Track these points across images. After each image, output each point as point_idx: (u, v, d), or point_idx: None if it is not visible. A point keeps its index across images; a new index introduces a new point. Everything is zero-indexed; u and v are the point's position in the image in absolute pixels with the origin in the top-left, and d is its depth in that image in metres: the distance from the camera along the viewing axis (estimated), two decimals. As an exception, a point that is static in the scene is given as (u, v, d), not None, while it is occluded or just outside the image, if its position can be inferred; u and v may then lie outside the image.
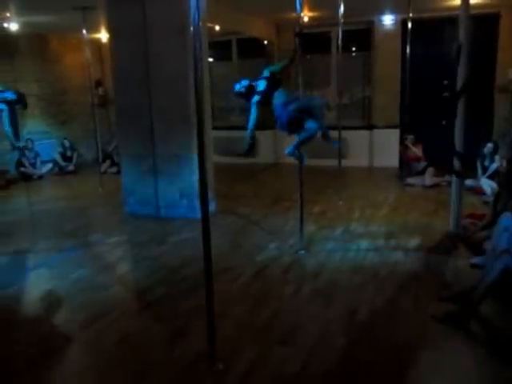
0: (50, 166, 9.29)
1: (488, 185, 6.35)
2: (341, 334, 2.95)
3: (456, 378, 2.57)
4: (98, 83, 10.34)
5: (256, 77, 4.54)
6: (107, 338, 3.02)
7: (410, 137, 7.77)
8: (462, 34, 4.44)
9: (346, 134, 7.75)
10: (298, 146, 4.30)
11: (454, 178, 4.78)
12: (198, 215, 2.67)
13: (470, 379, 2.59)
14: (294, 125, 4.20)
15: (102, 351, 2.88)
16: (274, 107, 4.30)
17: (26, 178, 8.60)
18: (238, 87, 4.59)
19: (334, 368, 2.62)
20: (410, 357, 2.71)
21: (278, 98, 4.28)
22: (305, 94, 4.68)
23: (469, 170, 5.82)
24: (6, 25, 7.36)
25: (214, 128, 6.86)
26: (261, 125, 4.49)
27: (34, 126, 9.32)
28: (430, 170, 7.37)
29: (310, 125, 4.15)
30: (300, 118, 4.15)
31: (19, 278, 4.07)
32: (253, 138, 4.44)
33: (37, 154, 9.02)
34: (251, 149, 4.56)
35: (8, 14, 6.91)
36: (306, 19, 7.88)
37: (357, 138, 8.96)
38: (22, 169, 8.76)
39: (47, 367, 2.72)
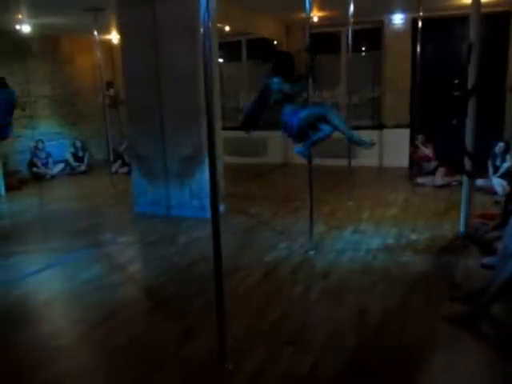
0: (61, 166, 9.38)
1: (499, 184, 6.30)
2: (351, 335, 2.95)
3: (467, 379, 2.56)
4: (109, 84, 10.41)
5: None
6: (117, 337, 3.04)
7: (420, 136, 7.73)
8: (473, 33, 4.41)
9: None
10: (310, 146, 4.29)
11: (464, 178, 4.75)
12: (208, 215, 2.69)
13: (480, 380, 2.58)
14: (303, 132, 4.19)
15: (111, 350, 2.91)
16: (283, 113, 4.24)
17: (38, 177, 8.70)
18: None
19: (344, 368, 2.62)
20: (420, 357, 2.70)
21: (288, 104, 4.23)
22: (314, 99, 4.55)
23: (480, 170, 5.77)
24: (18, 27, 7.44)
25: (224, 128, 6.87)
26: (269, 125, 4.48)
27: (45, 126, 9.42)
28: (441, 169, 7.32)
29: (324, 127, 4.15)
30: (311, 124, 4.15)
31: (31, 277, 4.12)
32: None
33: (48, 155, 9.12)
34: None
35: (20, 16, 6.98)
36: (315, 19, 7.87)
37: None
38: (34, 169, 8.87)
39: (57, 367, 2.75)
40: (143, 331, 3.12)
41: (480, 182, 6.39)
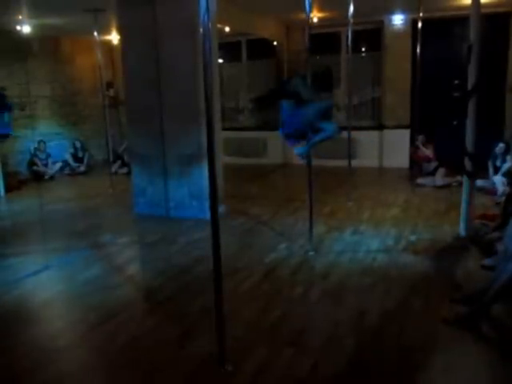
0: (59, 164, 9.32)
1: (501, 182, 6.28)
2: (350, 336, 2.95)
3: (467, 380, 2.55)
4: (109, 84, 10.41)
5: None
6: (117, 338, 3.04)
7: (421, 137, 7.73)
8: (473, 34, 4.41)
9: (355, 134, 7.75)
10: (311, 147, 4.28)
11: (465, 179, 4.75)
12: (208, 216, 2.68)
13: (481, 381, 2.57)
14: (305, 130, 4.18)
15: (111, 352, 2.90)
16: (283, 112, 4.24)
17: (38, 177, 8.70)
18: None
19: (343, 369, 2.62)
20: (420, 358, 2.69)
21: (286, 104, 4.23)
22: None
23: (480, 170, 5.76)
24: (18, 27, 7.44)
25: (224, 129, 6.87)
26: (269, 126, 4.48)
27: (45, 127, 9.42)
28: (441, 170, 7.32)
29: (328, 127, 4.13)
30: (313, 123, 4.14)
31: (30, 277, 4.11)
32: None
33: (48, 155, 9.11)
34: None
35: (20, 17, 6.98)
36: (315, 20, 7.87)
37: (367, 139, 8.93)
38: (35, 167, 8.87)
39: (56, 368, 2.74)
40: (143, 332, 3.11)
41: (480, 182, 6.39)
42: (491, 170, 6.74)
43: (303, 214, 5.19)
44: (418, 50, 6.82)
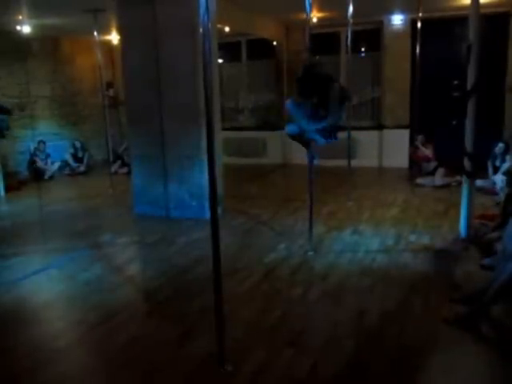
0: (57, 164, 9.31)
1: (501, 181, 6.28)
2: (350, 336, 2.95)
3: (466, 380, 2.56)
4: (109, 84, 10.42)
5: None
6: (117, 338, 3.04)
7: (420, 137, 7.74)
8: (472, 34, 4.41)
9: (355, 134, 7.76)
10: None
11: (464, 179, 4.75)
12: (208, 216, 2.69)
13: (481, 381, 2.58)
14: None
15: (111, 351, 2.90)
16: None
17: (39, 175, 8.70)
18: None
19: (343, 370, 2.62)
20: (419, 359, 2.69)
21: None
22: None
23: (479, 170, 5.77)
24: (18, 27, 7.45)
25: (224, 129, 6.87)
26: (269, 126, 4.47)
27: (45, 127, 9.42)
28: (441, 170, 7.33)
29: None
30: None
31: (30, 278, 4.11)
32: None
33: (48, 155, 9.11)
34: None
35: (20, 17, 6.98)
36: (314, 20, 7.87)
37: (366, 139, 8.94)
38: (35, 165, 8.87)
39: (56, 368, 2.74)
40: (143, 332, 3.11)
41: (480, 182, 6.39)
42: (490, 170, 6.74)
43: (303, 214, 5.20)
44: (418, 50, 6.84)
